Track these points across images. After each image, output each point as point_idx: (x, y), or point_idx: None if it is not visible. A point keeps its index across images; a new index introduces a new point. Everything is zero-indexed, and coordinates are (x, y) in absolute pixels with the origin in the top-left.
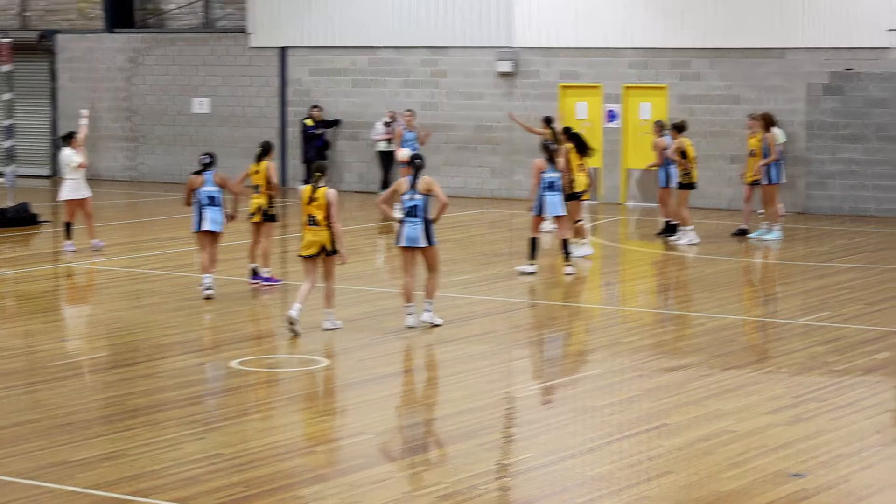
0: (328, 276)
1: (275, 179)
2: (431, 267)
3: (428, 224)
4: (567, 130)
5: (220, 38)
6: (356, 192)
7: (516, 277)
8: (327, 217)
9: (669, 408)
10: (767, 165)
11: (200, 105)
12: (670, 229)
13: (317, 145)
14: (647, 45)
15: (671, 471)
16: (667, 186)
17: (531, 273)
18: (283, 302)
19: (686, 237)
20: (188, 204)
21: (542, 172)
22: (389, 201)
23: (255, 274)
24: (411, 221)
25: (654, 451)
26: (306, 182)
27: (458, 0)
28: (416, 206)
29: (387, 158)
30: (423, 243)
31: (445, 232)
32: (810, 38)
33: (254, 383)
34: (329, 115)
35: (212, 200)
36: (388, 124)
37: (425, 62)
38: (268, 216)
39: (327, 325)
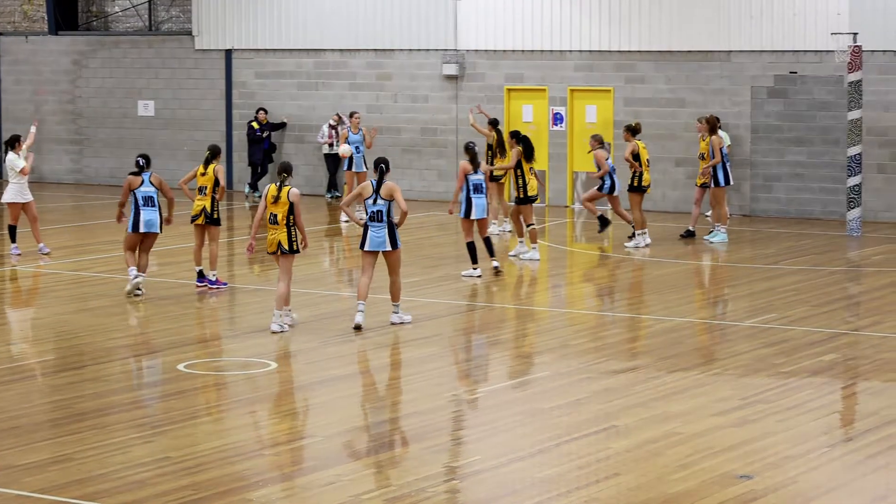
0: (283, 273)
1: (223, 183)
2: (393, 270)
3: (392, 227)
4: (516, 134)
5: (166, 41)
6: (303, 194)
7: (463, 280)
8: (288, 216)
9: (618, 410)
10: (714, 168)
11: (146, 108)
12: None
13: (263, 148)
14: (592, 48)
15: (620, 472)
16: (611, 193)
17: (477, 276)
18: (231, 305)
19: (639, 240)
20: (123, 204)
21: (468, 175)
22: (352, 204)
23: (201, 276)
24: (375, 226)
25: (602, 452)
26: (251, 185)
27: (404, 3)
28: (380, 210)
29: (333, 161)
30: (387, 247)
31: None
32: (755, 42)
33: (202, 386)
34: (275, 118)
35: (148, 201)
36: (333, 127)
37: (371, 65)
38: (211, 219)
39: (275, 327)
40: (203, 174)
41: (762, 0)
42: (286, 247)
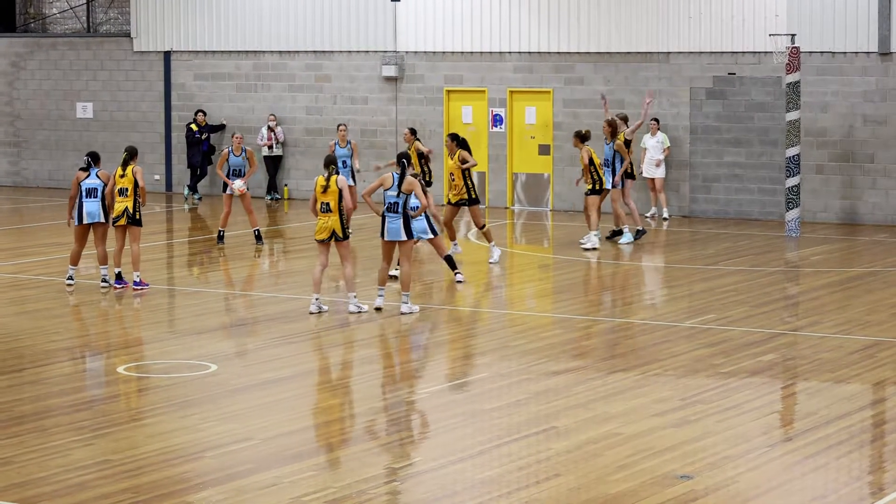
0: (344, 259)
1: (142, 183)
2: (405, 257)
3: (407, 219)
4: (454, 137)
5: (104, 43)
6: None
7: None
8: (339, 203)
9: (558, 411)
10: (613, 170)
11: (84, 110)
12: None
13: (202, 150)
14: (531, 49)
15: (560, 473)
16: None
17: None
18: (170, 307)
19: (590, 241)
20: (74, 198)
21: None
22: (371, 193)
23: (119, 278)
24: (392, 216)
25: (542, 454)
26: (190, 187)
27: (343, 4)
28: (397, 202)
29: (273, 163)
30: (402, 237)
31: None
32: (693, 43)
33: (142, 388)
34: (213, 120)
35: (90, 193)
36: (271, 129)
37: (310, 67)
38: (133, 220)
39: (352, 307)
40: (122, 176)
41: (700, 1)
42: (340, 234)
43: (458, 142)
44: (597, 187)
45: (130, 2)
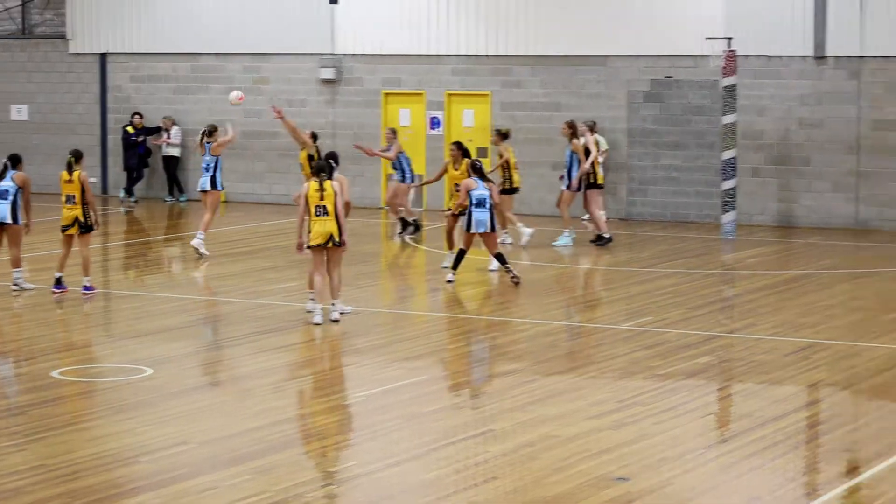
0: (334, 265)
1: (89, 190)
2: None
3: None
4: (459, 145)
5: (39, 44)
6: (148, 198)
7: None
8: (335, 206)
9: (495, 414)
10: (568, 172)
11: (18, 112)
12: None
13: (138, 152)
14: (469, 52)
15: (497, 476)
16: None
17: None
18: (106, 310)
19: (523, 238)
20: None
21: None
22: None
23: (58, 283)
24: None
25: (479, 456)
26: (126, 190)
27: (280, 7)
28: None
29: (172, 163)
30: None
31: (271, 239)
32: (631, 46)
33: (76, 393)
34: (150, 123)
35: (1, 194)
36: (166, 130)
37: (247, 69)
38: (85, 227)
39: (335, 315)
40: (69, 181)
41: (638, 5)
42: (337, 238)
43: (463, 151)
44: (507, 186)
45: (66, 3)
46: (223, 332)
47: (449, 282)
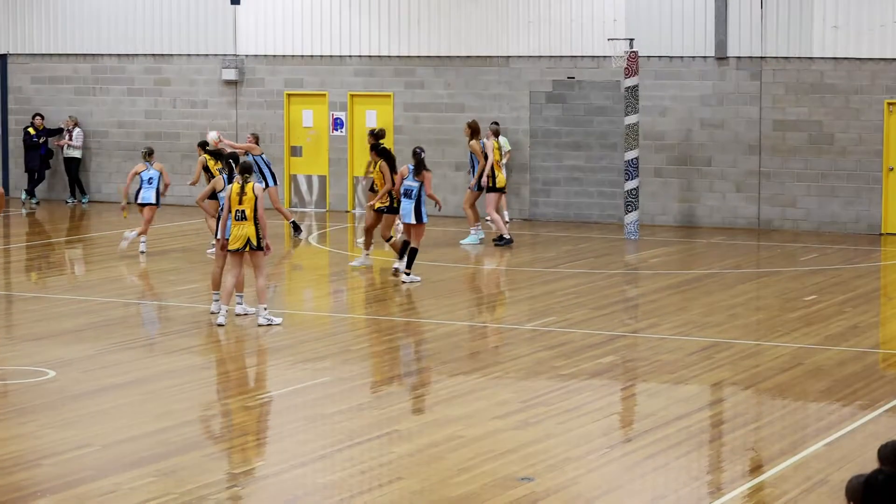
0: (257, 270)
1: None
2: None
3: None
4: (381, 148)
5: None
6: (48, 200)
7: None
8: (254, 211)
9: (399, 414)
10: (472, 172)
11: None
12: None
13: (40, 154)
14: (372, 53)
15: (402, 477)
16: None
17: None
18: (7, 312)
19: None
20: None
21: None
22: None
23: None
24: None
25: (384, 457)
26: (28, 191)
27: (181, 7)
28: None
29: (74, 165)
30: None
31: (173, 240)
32: (533, 47)
33: None
34: (51, 124)
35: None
36: (69, 131)
37: (149, 70)
38: None
39: (262, 320)
40: None
41: (540, 6)
42: (255, 243)
43: (379, 151)
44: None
45: None
46: (126, 334)
47: (405, 282)
